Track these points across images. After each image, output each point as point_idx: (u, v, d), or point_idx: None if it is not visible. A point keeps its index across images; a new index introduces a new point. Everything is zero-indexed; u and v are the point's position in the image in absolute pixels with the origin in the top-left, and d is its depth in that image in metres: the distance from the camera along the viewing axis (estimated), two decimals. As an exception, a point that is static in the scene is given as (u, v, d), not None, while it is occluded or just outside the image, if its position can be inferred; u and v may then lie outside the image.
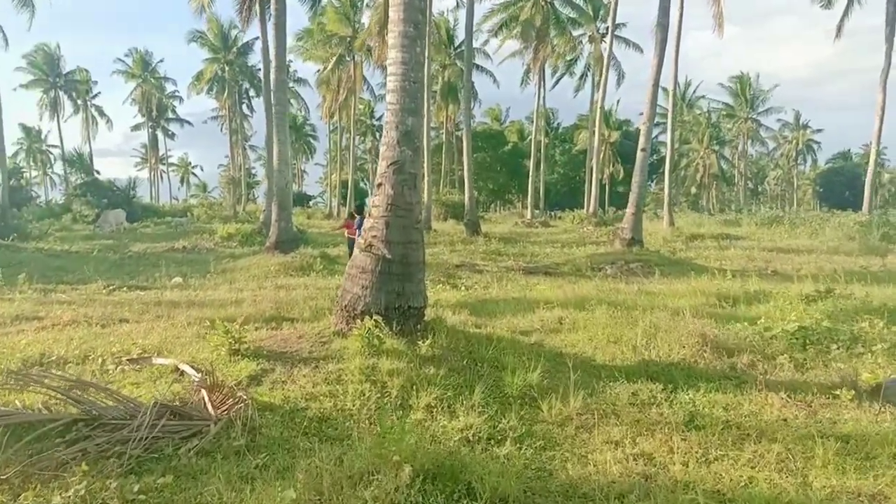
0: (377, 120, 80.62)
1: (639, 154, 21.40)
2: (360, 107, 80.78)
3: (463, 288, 12.90)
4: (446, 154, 68.37)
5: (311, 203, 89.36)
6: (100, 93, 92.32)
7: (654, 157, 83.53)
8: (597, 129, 49.53)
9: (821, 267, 17.36)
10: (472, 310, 10.49)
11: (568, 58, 57.80)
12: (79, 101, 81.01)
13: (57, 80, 77.65)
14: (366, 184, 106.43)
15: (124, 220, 39.97)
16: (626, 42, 55.03)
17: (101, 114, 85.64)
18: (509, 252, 23.10)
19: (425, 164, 50.35)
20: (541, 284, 14.11)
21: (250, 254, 19.01)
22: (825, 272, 15.15)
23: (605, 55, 49.18)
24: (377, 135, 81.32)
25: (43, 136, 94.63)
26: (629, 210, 21.32)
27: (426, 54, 13.79)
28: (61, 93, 78.70)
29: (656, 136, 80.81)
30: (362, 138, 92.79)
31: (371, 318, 6.74)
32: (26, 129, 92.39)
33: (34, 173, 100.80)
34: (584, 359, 7.53)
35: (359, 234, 20.33)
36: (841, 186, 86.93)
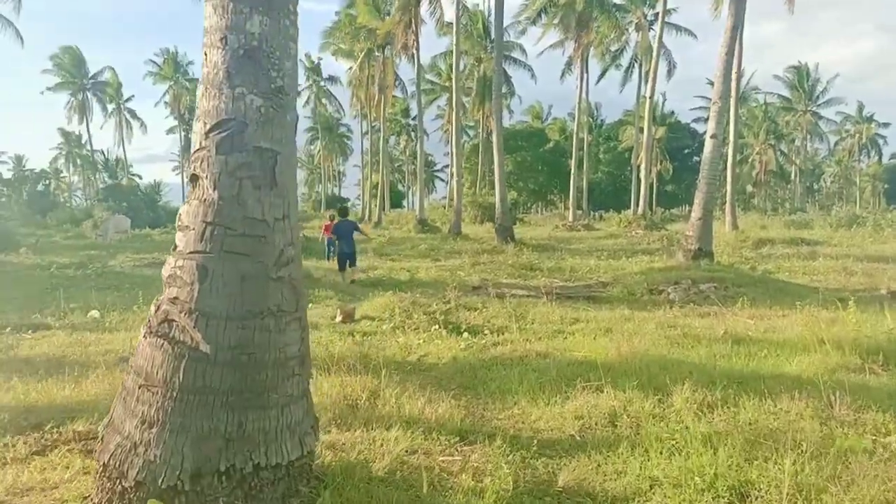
0: (412, 119, 77.05)
1: (708, 142, 17.00)
2: (395, 105, 77.73)
3: (466, 332, 8.89)
4: (484, 153, 64.44)
5: (343, 206, 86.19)
6: (133, 96, 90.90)
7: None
8: (646, 123, 45.15)
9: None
10: (467, 384, 6.55)
11: (613, 48, 53.50)
12: (109, 105, 79.27)
13: (85, 82, 75.89)
14: (403, 186, 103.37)
15: (128, 228, 36.90)
16: (678, 29, 50.40)
17: (135, 117, 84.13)
18: (544, 266, 18.99)
19: (454, 162, 46.69)
20: (581, 322, 10.04)
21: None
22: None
23: (655, 42, 44.84)
24: (412, 135, 77.86)
25: (83, 141, 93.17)
26: (695, 214, 16.99)
27: None
28: (90, 95, 76.97)
29: (705, 132, 75.15)
30: (397, 138, 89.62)
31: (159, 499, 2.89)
32: (65, 134, 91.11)
33: (75, 178, 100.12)
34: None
35: (340, 240, 16.77)
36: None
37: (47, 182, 74.83)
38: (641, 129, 50.45)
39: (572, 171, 49.77)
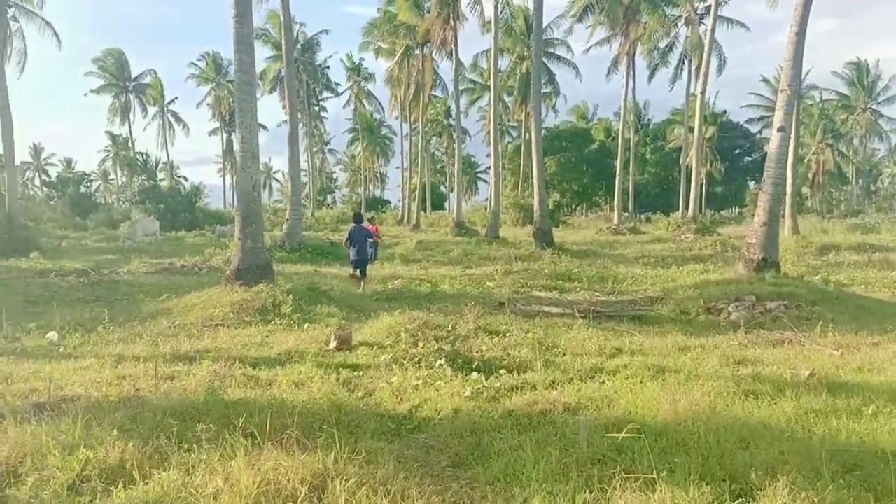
0: (454, 119, 75.32)
1: (774, 136, 14.73)
2: (437, 106, 76.26)
3: (477, 370, 7.05)
4: (526, 154, 62.33)
5: (383, 208, 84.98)
6: (176, 98, 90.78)
7: (756, 153, 75.34)
8: (697, 121, 42.68)
9: None
10: (463, 458, 4.77)
11: (661, 44, 51.01)
12: (150, 107, 79.34)
13: (127, 84, 76.08)
14: (446, 187, 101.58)
15: (156, 230, 35.91)
16: (729, 22, 47.67)
17: (178, 119, 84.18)
18: (583, 275, 17.00)
19: (493, 162, 44.77)
20: (624, 354, 8.15)
21: (215, 282, 13.75)
22: None
23: (707, 36, 42.33)
24: (454, 135, 75.88)
25: (130, 143, 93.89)
26: (758, 218, 14.77)
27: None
28: (132, 97, 77.14)
29: (759, 131, 72.62)
30: (439, 139, 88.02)
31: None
32: (113, 137, 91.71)
33: (123, 180, 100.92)
34: None
35: (352, 246, 15.36)
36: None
37: (89, 184, 75.16)
38: (691, 128, 47.92)
39: (618, 171, 47.60)
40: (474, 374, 6.85)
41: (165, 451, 4.50)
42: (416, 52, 53.97)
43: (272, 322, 10.71)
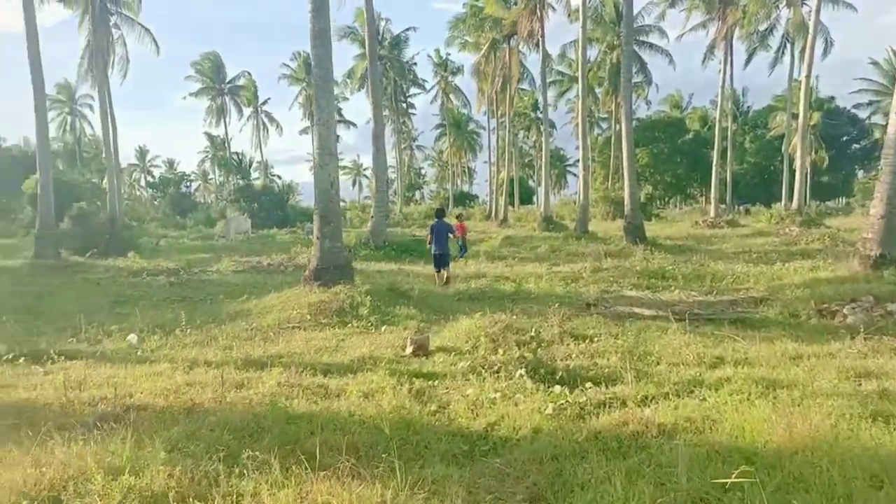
0: (541, 113, 74.10)
1: (893, 121, 13.31)
2: (524, 99, 75.41)
3: (560, 382, 6.44)
4: (616, 146, 60.59)
5: (470, 203, 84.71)
6: (269, 99, 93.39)
7: (865, 140, 70.71)
8: (801, 107, 40.25)
9: None
10: (542, 490, 4.22)
11: (761, 27, 48.36)
12: (244, 108, 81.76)
13: (223, 86, 78.64)
14: (533, 181, 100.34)
15: (248, 228, 36.70)
16: (834, 2, 44.66)
17: (271, 119, 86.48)
18: (678, 273, 15.98)
19: (581, 155, 43.49)
20: (726, 364, 7.35)
21: (298, 281, 13.61)
22: None
23: (812, 17, 39.83)
24: (542, 128, 74.60)
25: (226, 144, 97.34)
26: (875, 210, 13.40)
27: None
28: (227, 99, 79.71)
29: (868, 117, 68.11)
30: (526, 133, 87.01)
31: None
32: (211, 138, 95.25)
33: (220, 180, 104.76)
34: None
35: (433, 242, 14.97)
36: None
37: (189, 184, 78.22)
38: (794, 115, 45.29)
39: (714, 161, 45.54)
40: (557, 388, 6.25)
41: (215, 477, 4.14)
42: (503, 44, 53.33)
43: (349, 324, 10.40)
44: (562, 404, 5.79)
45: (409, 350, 8.32)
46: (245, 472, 4.14)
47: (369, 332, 9.88)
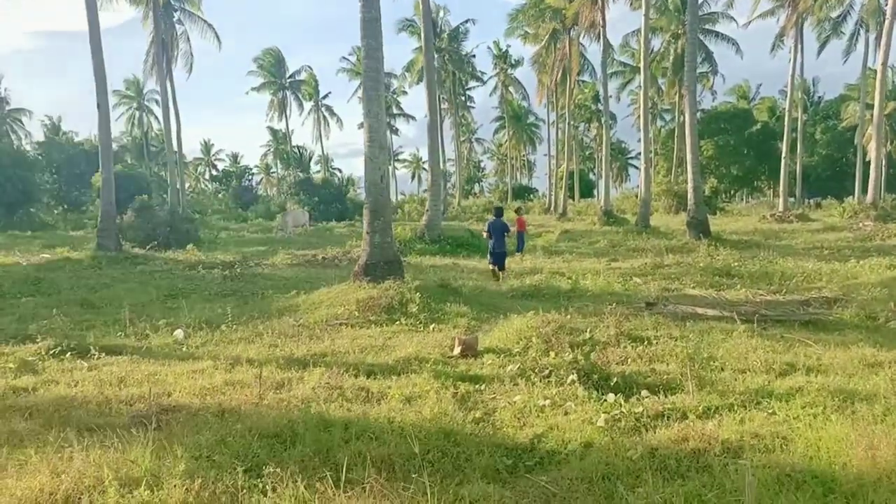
0: (602, 104, 72.79)
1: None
2: (585, 91, 74.26)
3: (614, 390, 5.98)
4: (679, 138, 59.01)
5: (530, 196, 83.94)
6: (329, 93, 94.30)
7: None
8: (877, 96, 38.27)
9: None
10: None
11: (834, 14, 46.23)
12: (305, 102, 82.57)
13: (284, 81, 79.60)
14: (594, 174, 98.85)
15: (306, 221, 36.93)
16: (916, -18, 42.32)
17: (332, 113, 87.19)
18: (744, 270, 15.22)
19: (643, 148, 42.42)
20: (798, 372, 6.78)
21: (348, 277, 13.43)
22: None
23: (889, 2, 37.74)
24: (602, 121, 73.21)
25: (287, 138, 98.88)
26: (963, 205, 12.52)
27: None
28: (288, 93, 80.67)
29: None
30: (587, 125, 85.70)
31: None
32: (273, 132, 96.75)
33: (281, 173, 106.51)
34: None
35: (492, 239, 14.66)
36: None
37: (251, 177, 79.57)
38: (868, 105, 43.18)
39: (783, 153, 43.86)
40: (611, 396, 5.81)
41: (235, 494, 3.89)
42: (563, 35, 52.50)
43: (397, 321, 10.13)
44: (615, 415, 5.37)
45: (456, 350, 7.99)
46: (267, 488, 3.88)
47: (417, 331, 9.60)
